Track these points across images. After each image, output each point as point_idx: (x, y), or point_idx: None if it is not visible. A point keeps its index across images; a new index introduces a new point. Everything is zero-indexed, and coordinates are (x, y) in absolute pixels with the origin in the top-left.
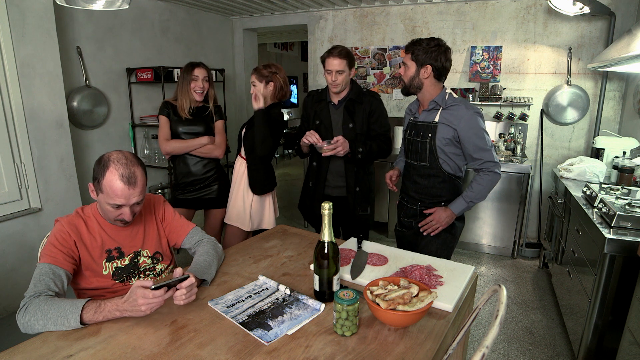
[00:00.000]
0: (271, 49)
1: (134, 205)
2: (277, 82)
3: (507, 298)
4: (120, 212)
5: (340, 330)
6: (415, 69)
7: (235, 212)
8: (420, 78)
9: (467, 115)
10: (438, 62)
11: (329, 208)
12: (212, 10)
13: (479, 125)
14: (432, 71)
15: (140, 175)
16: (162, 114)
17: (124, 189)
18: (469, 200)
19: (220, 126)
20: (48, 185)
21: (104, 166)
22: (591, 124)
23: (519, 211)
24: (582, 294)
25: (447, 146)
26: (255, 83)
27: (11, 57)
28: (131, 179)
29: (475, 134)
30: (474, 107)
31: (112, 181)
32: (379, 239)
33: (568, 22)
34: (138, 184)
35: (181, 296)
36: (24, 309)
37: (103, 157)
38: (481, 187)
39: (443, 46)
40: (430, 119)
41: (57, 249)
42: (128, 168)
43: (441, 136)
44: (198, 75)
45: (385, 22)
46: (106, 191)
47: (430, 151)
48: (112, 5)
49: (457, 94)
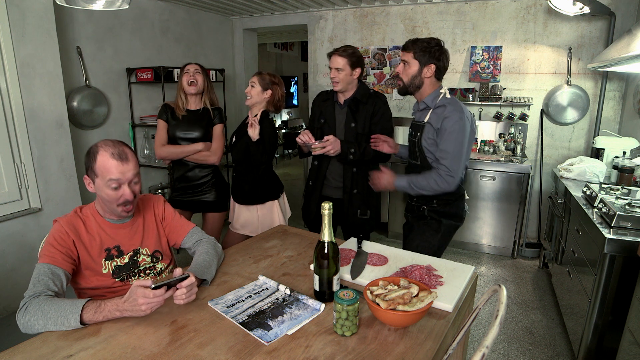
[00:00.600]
0: (271, 49)
1: (132, 184)
2: (276, 93)
3: (507, 298)
4: (122, 193)
5: (340, 330)
6: (418, 67)
7: (241, 220)
8: (422, 77)
9: (448, 116)
10: (440, 62)
11: (328, 208)
12: (212, 10)
13: (454, 128)
14: (434, 70)
15: (130, 153)
16: (161, 118)
17: (117, 164)
18: (411, 186)
19: (219, 131)
20: (48, 185)
21: (93, 152)
22: (591, 124)
23: (519, 211)
24: (582, 294)
25: (432, 146)
26: (255, 84)
27: (11, 57)
28: (122, 154)
29: (447, 134)
30: (462, 110)
31: (105, 161)
32: (379, 239)
33: (568, 22)
34: (130, 159)
35: (181, 295)
36: (24, 309)
37: (90, 147)
38: (423, 180)
39: (443, 47)
40: (422, 119)
41: (55, 249)
42: (116, 147)
43: (426, 136)
44: (189, 69)
45: (385, 22)
46: (101, 173)
47: (419, 150)
48: (112, 5)
49: (456, 94)
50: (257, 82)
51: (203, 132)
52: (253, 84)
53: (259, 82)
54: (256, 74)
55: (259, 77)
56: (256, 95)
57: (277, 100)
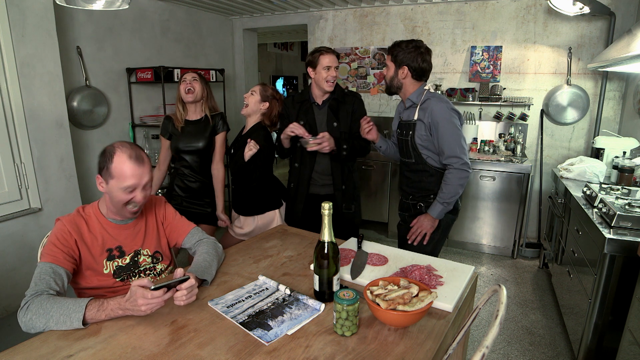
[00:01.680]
0: (271, 49)
1: (145, 187)
2: (274, 107)
3: (507, 298)
4: (133, 196)
5: (340, 330)
6: (394, 69)
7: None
8: (399, 78)
9: (436, 108)
10: (414, 63)
11: (329, 208)
12: (212, 10)
13: (447, 118)
14: (408, 71)
15: (145, 156)
16: (163, 135)
17: (135, 167)
18: (443, 201)
19: (221, 141)
20: (48, 185)
21: (110, 153)
22: (591, 124)
23: (519, 211)
24: (582, 294)
25: (427, 141)
26: (255, 93)
27: (11, 57)
28: (139, 157)
29: (441, 127)
30: (446, 101)
31: (122, 162)
32: (379, 239)
33: (568, 22)
34: (146, 161)
35: (181, 297)
36: (26, 307)
37: (106, 148)
38: (450, 187)
39: (422, 47)
40: (411, 117)
41: (57, 248)
42: (134, 150)
43: (419, 133)
44: (186, 77)
45: (385, 22)
46: (117, 175)
47: (413, 148)
48: (112, 5)
49: (456, 94)
50: (258, 91)
51: (206, 142)
52: (253, 92)
53: (260, 91)
54: (260, 84)
55: (261, 87)
56: (253, 104)
57: (274, 115)
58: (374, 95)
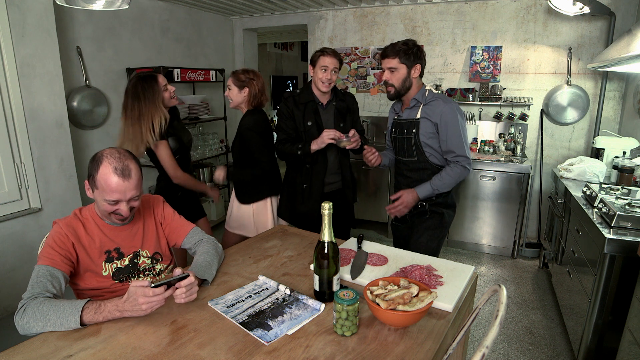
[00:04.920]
0: (271, 49)
1: (130, 201)
2: (253, 88)
3: (507, 298)
4: (117, 208)
5: (340, 330)
6: (406, 70)
7: (238, 220)
8: (410, 78)
9: (445, 109)
10: (423, 60)
11: (329, 208)
12: (212, 10)
13: (455, 119)
14: (420, 69)
15: (134, 169)
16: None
17: (119, 182)
18: (435, 188)
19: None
20: (48, 186)
21: (97, 161)
22: (591, 124)
23: (519, 211)
24: (582, 294)
25: (431, 139)
26: (230, 86)
27: (11, 57)
28: (125, 171)
29: (451, 128)
30: (452, 102)
31: (106, 175)
32: (379, 239)
33: (568, 22)
34: (133, 176)
35: (181, 295)
36: (22, 310)
37: (97, 154)
38: (449, 178)
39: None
40: (413, 115)
41: (54, 251)
42: (121, 162)
43: (424, 131)
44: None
45: (385, 22)
46: (101, 186)
47: (416, 146)
48: (112, 5)
49: (456, 94)
50: (231, 83)
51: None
52: (229, 86)
53: (233, 82)
54: (231, 74)
55: (233, 77)
56: (235, 96)
57: (254, 95)
58: (373, 95)
